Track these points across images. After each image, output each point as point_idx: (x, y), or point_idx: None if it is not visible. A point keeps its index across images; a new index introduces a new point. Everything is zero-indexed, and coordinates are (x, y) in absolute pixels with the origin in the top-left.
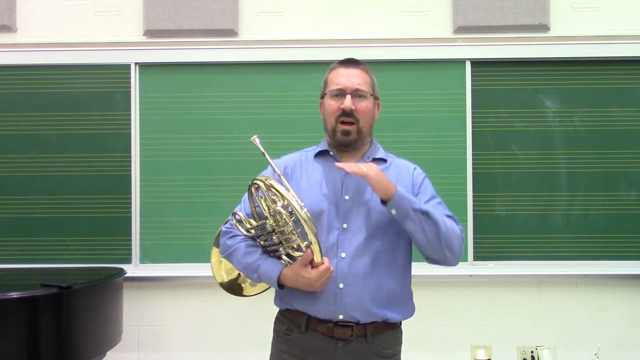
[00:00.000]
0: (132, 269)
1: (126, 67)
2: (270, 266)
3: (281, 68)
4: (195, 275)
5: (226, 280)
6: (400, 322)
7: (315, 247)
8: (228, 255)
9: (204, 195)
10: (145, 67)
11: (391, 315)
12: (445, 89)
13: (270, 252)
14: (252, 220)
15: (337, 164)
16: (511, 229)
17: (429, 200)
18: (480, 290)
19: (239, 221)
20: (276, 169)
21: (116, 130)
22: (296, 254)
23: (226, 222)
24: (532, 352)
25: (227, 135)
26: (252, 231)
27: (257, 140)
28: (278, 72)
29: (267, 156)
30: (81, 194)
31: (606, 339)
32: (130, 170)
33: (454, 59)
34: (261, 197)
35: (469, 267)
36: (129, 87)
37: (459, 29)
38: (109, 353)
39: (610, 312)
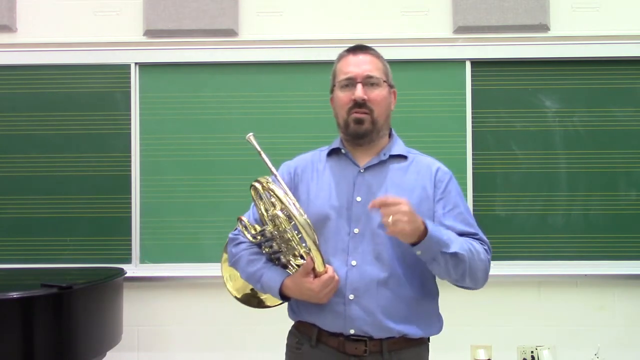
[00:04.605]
0: (132, 269)
1: (126, 67)
2: (272, 276)
3: (281, 68)
4: (195, 275)
5: (241, 294)
6: (427, 338)
7: (315, 254)
8: (233, 263)
9: (204, 195)
10: (145, 67)
11: (411, 331)
12: (445, 89)
13: (275, 260)
14: (257, 226)
15: (372, 202)
16: (511, 229)
17: (451, 210)
18: (480, 290)
19: (245, 227)
20: (272, 168)
21: (116, 130)
22: (299, 261)
23: (236, 229)
24: (532, 352)
25: (227, 135)
26: (259, 237)
27: (252, 138)
28: (278, 72)
29: (263, 155)
30: (81, 194)
31: (606, 339)
32: (130, 170)
33: (454, 59)
34: (261, 201)
35: None
36: (129, 87)
37: (459, 29)
38: (109, 353)
39: (610, 312)
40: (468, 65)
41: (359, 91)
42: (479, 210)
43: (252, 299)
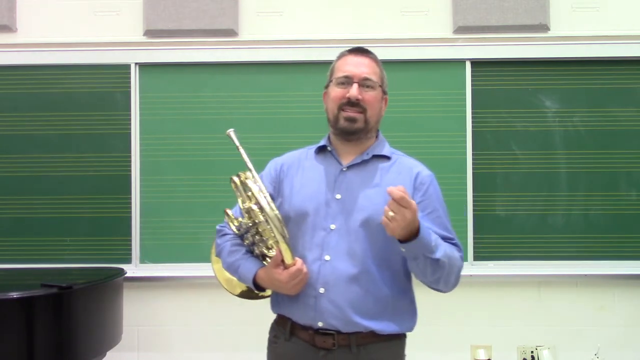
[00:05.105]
0: (132, 269)
1: (126, 67)
2: (248, 266)
3: (281, 68)
4: (195, 275)
5: (238, 291)
6: (403, 334)
7: (282, 246)
8: (218, 253)
9: (204, 195)
10: (145, 67)
11: (379, 327)
12: (445, 89)
13: (252, 251)
14: (239, 218)
15: (388, 188)
16: (511, 229)
17: (430, 213)
18: (480, 290)
19: (230, 219)
20: (249, 164)
21: (116, 130)
22: (272, 253)
23: (224, 222)
24: (532, 352)
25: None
26: (241, 229)
27: (232, 134)
28: (278, 72)
29: (241, 150)
30: (81, 194)
31: (606, 339)
32: (130, 170)
33: (454, 59)
34: (239, 194)
35: (469, 267)
36: (129, 87)
37: (459, 29)
38: (109, 353)
39: (610, 312)
40: (468, 65)
41: (355, 90)
42: (479, 210)
43: (250, 293)
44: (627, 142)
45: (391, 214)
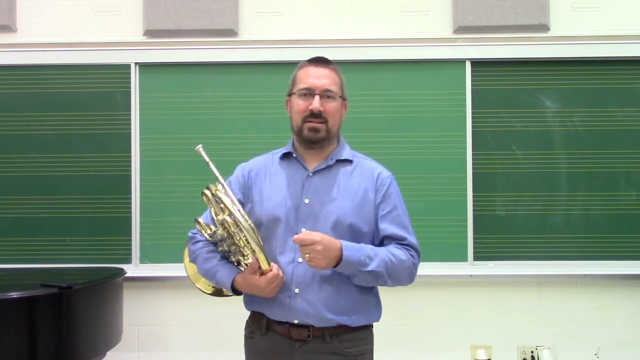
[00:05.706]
0: (132, 269)
1: (126, 67)
2: (225, 272)
3: (281, 68)
4: None
5: (211, 289)
6: (370, 325)
7: (259, 255)
8: (192, 260)
9: None
10: (145, 67)
11: (349, 322)
12: (445, 89)
13: (228, 258)
14: (212, 226)
15: (294, 237)
16: (511, 229)
17: (389, 212)
18: (480, 290)
19: (202, 227)
20: (220, 178)
21: (116, 130)
22: (248, 260)
23: (195, 228)
24: (532, 352)
25: (227, 135)
26: (216, 237)
27: (201, 150)
28: (278, 72)
29: (211, 166)
30: (81, 194)
31: (606, 339)
32: (130, 170)
33: (454, 59)
34: (212, 206)
35: (469, 267)
36: (129, 87)
37: (459, 29)
38: (109, 353)
39: (610, 312)
40: (468, 65)
41: (317, 103)
42: (479, 210)
43: (221, 291)
44: (626, 142)
45: (307, 256)
